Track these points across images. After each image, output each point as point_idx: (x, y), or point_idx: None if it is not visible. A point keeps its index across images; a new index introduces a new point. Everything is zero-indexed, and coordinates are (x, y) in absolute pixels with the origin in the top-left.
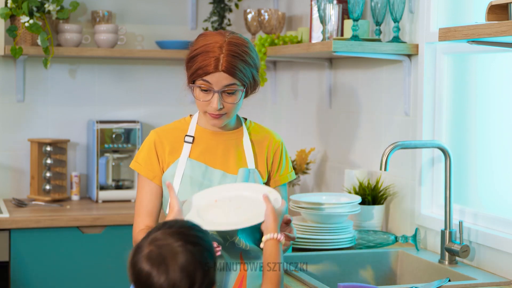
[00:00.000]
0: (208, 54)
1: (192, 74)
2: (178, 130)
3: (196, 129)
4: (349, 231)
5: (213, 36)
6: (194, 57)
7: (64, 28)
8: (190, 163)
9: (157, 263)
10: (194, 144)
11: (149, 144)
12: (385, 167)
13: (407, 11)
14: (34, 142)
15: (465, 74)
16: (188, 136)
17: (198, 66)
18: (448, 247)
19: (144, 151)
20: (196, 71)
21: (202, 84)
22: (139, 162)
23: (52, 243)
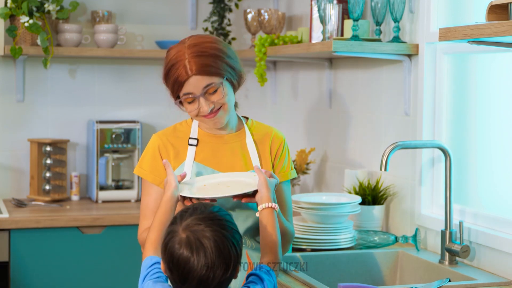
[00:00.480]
0: (176, 65)
1: (173, 91)
2: (181, 132)
3: (199, 133)
4: (349, 231)
5: (175, 47)
6: (167, 74)
7: (64, 28)
8: (196, 166)
9: (195, 248)
10: (199, 148)
11: (153, 149)
12: (385, 167)
13: (407, 11)
14: (34, 142)
15: (465, 74)
16: (192, 138)
17: (172, 81)
18: (448, 247)
19: (148, 156)
20: (173, 86)
21: (186, 98)
22: (144, 168)
23: (51, 243)
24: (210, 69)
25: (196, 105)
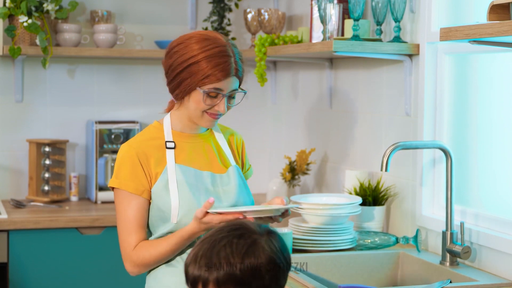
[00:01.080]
0: (220, 58)
1: (200, 79)
2: (155, 139)
3: (173, 134)
4: (349, 232)
5: (215, 38)
6: (199, 61)
7: (63, 28)
8: (179, 168)
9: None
10: (176, 150)
11: (131, 158)
12: (385, 168)
13: (408, 11)
14: (33, 143)
15: (467, 74)
16: (169, 142)
17: (209, 72)
18: (449, 249)
19: (126, 167)
20: (207, 76)
21: (213, 91)
22: (123, 178)
23: (51, 244)
24: (242, 75)
25: (216, 101)
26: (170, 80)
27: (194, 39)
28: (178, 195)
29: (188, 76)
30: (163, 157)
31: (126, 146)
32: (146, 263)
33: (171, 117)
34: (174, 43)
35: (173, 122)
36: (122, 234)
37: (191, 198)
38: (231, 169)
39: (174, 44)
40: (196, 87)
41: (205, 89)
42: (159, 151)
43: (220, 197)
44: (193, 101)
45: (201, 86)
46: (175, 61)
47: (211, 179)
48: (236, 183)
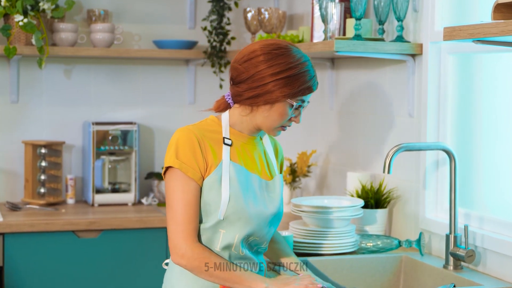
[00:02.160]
0: (310, 73)
1: (297, 92)
2: (213, 132)
3: (230, 132)
4: (351, 236)
5: (299, 50)
6: (300, 73)
7: (59, 27)
8: (233, 166)
9: None
10: (231, 147)
11: (192, 141)
12: (388, 170)
13: (411, 10)
14: (29, 144)
15: (471, 74)
16: (226, 138)
17: (306, 85)
18: (453, 252)
19: (186, 149)
20: (302, 90)
21: (300, 105)
22: (182, 160)
23: (46, 247)
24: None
25: (296, 113)
26: (250, 87)
27: (282, 51)
28: (229, 191)
29: (278, 87)
30: (219, 151)
31: (185, 130)
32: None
33: (230, 116)
34: (257, 51)
35: (233, 121)
36: (178, 220)
37: (241, 197)
38: (277, 177)
39: (259, 52)
40: (286, 99)
41: (296, 102)
42: (215, 144)
43: (266, 203)
44: (277, 112)
45: (292, 98)
46: (263, 71)
47: (259, 183)
48: (279, 192)
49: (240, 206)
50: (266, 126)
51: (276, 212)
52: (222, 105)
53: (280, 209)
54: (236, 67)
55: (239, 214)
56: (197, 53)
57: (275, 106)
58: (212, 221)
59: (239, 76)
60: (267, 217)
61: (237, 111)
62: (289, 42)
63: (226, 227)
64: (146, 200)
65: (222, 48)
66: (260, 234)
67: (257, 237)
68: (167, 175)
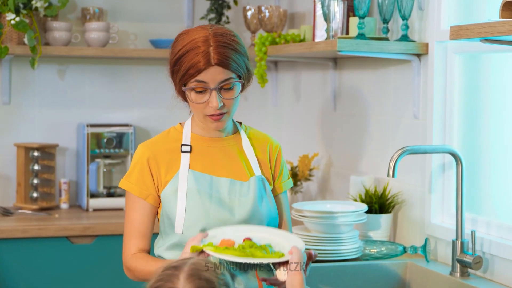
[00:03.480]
0: (196, 50)
1: (183, 77)
2: (172, 140)
3: (192, 138)
4: (354, 242)
5: (195, 31)
6: (180, 58)
7: (53, 26)
8: (193, 175)
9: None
10: (193, 154)
11: (141, 161)
12: (393, 174)
13: (416, 8)
14: (21, 147)
15: (478, 75)
16: (184, 145)
17: (188, 66)
18: (459, 259)
19: (136, 169)
20: (187, 71)
21: (197, 86)
22: (131, 181)
23: (39, 254)
24: (233, 64)
25: (206, 97)
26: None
27: (182, 35)
28: (185, 203)
29: (174, 80)
30: (177, 161)
31: (141, 147)
32: (138, 276)
33: (192, 119)
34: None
35: (193, 125)
36: (124, 236)
37: (199, 208)
38: (253, 179)
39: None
40: (181, 88)
41: (189, 86)
42: (174, 155)
43: (234, 209)
44: (190, 103)
45: (185, 83)
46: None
47: (230, 186)
48: (255, 195)
49: (200, 217)
50: (199, 120)
51: (245, 217)
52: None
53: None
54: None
55: (198, 226)
56: None
57: (187, 98)
58: (176, 237)
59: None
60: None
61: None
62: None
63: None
64: None
65: None
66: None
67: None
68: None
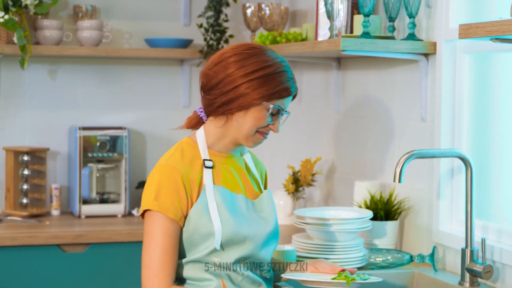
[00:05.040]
0: (287, 74)
1: (274, 93)
2: (190, 157)
3: (209, 153)
4: (359, 250)
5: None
6: (275, 73)
7: (43, 24)
8: (217, 190)
9: None
10: (213, 170)
11: (175, 181)
12: (399, 179)
13: (423, 6)
14: (10, 151)
15: (488, 75)
16: (207, 160)
17: (281, 87)
18: (469, 268)
19: (169, 190)
20: (278, 91)
21: (279, 108)
22: (162, 201)
23: (30, 262)
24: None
25: (275, 119)
26: (222, 92)
27: (255, 51)
28: (219, 219)
29: (252, 89)
30: (200, 176)
31: (167, 166)
32: None
33: (206, 134)
34: (228, 53)
35: (209, 140)
36: (152, 267)
37: (231, 221)
38: (265, 194)
39: (229, 54)
40: (262, 101)
41: (273, 105)
42: (196, 171)
43: (259, 223)
44: (252, 117)
45: (268, 101)
46: (234, 72)
47: (245, 203)
48: (272, 208)
49: (234, 231)
50: (243, 135)
51: (272, 231)
52: (194, 120)
53: (276, 228)
54: (206, 73)
55: (233, 240)
56: (193, 52)
57: (250, 111)
58: (202, 252)
59: (209, 82)
60: (262, 238)
61: (211, 124)
62: (264, 46)
63: (219, 255)
64: (137, 212)
65: (219, 47)
66: (257, 256)
67: (255, 259)
68: (146, 218)
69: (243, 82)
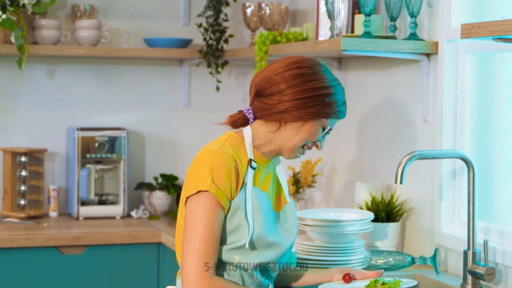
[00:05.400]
0: (344, 98)
1: (334, 112)
2: (241, 151)
3: (253, 153)
4: (360, 252)
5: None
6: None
7: (41, 23)
8: (255, 192)
9: None
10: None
11: (228, 166)
12: (401, 180)
13: (425, 5)
14: (7, 152)
15: (491, 75)
16: (253, 161)
17: (342, 108)
18: (471, 270)
19: (222, 173)
20: (339, 112)
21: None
22: (219, 185)
23: (27, 265)
24: None
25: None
26: (282, 101)
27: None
28: (252, 220)
29: (318, 103)
30: (245, 174)
31: (222, 152)
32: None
33: (254, 134)
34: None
35: (256, 141)
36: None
37: (262, 226)
38: (288, 206)
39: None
40: (322, 118)
41: (329, 124)
42: (243, 165)
43: (283, 234)
44: (307, 130)
45: (328, 118)
46: (305, 84)
47: (272, 212)
48: (295, 220)
49: (262, 236)
50: (290, 145)
51: (293, 242)
52: (239, 120)
53: (295, 237)
54: (271, 77)
55: (258, 244)
56: (192, 52)
57: (307, 124)
58: (228, 247)
59: (273, 87)
60: (284, 249)
61: (263, 128)
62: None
63: (241, 254)
64: (135, 213)
65: (219, 47)
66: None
67: (271, 265)
68: (193, 200)
69: (309, 96)
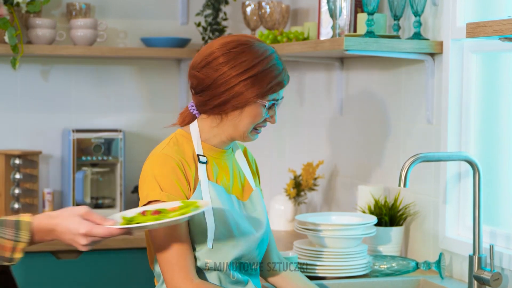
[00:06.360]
0: (277, 66)
1: (268, 90)
2: (185, 148)
3: (203, 147)
4: (363, 257)
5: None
6: (267, 69)
7: (35, 23)
8: (212, 186)
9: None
10: (206, 165)
11: (174, 169)
12: (404, 183)
13: (429, 4)
14: (1, 154)
15: (496, 76)
16: (201, 156)
17: (273, 82)
18: (477, 275)
19: (169, 176)
20: (273, 87)
21: (272, 102)
22: (168, 191)
23: (22, 270)
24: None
25: (271, 112)
26: (215, 94)
27: (243, 48)
28: (213, 216)
29: (246, 89)
30: (194, 170)
31: (163, 155)
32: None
33: (200, 129)
34: (216, 53)
35: (204, 135)
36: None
37: (226, 221)
38: (255, 193)
39: (217, 54)
40: (256, 100)
41: (268, 101)
42: (191, 164)
43: (252, 224)
44: (248, 115)
45: (263, 98)
46: (225, 73)
47: (237, 203)
48: (263, 208)
49: (226, 232)
50: (239, 133)
51: (265, 231)
52: (188, 117)
53: (268, 227)
54: (195, 74)
55: (226, 240)
56: (190, 52)
57: (245, 110)
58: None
59: (200, 83)
60: (256, 240)
61: (206, 122)
62: (249, 36)
63: (211, 256)
64: None
65: None
66: (250, 256)
67: (246, 260)
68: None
69: (236, 83)
